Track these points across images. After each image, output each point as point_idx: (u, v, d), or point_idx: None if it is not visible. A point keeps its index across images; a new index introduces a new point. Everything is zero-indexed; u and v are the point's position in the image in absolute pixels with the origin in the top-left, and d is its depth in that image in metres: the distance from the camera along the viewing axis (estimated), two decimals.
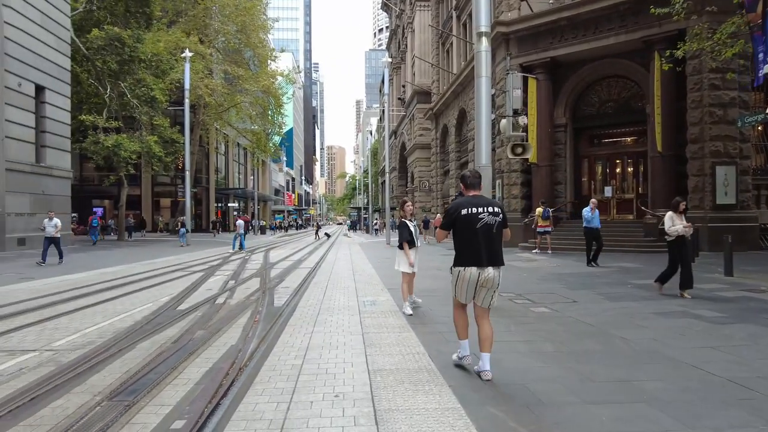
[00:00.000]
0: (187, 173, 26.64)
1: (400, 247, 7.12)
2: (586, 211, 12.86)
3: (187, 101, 26.71)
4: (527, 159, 19.22)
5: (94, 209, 39.68)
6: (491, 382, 3.98)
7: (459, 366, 4.40)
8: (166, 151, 29.32)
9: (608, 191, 19.98)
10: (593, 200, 13.23)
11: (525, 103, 19.88)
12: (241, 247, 21.77)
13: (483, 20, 7.55)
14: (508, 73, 8.40)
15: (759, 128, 17.37)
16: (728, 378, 4.10)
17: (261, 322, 6.37)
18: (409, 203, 7.49)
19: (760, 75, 11.47)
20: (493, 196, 22.53)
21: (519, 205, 20.33)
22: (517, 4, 20.60)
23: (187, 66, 26.69)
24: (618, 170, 20.57)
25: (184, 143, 27.41)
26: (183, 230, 25.58)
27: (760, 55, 11.27)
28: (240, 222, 21.56)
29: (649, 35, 17.13)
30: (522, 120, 8.16)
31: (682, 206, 8.13)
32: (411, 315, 6.71)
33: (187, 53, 26.89)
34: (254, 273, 12.28)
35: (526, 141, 9.39)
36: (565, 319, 6.55)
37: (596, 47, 18.69)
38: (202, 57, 33.72)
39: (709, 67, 15.63)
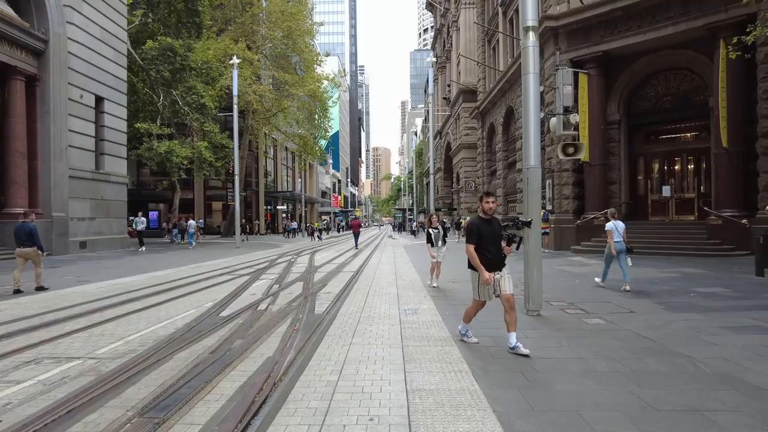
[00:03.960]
0: (237, 177, 27.25)
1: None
2: None
3: (235, 107, 27.33)
4: (579, 158, 18.44)
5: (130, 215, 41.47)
6: (539, 409, 3.64)
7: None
8: (216, 156, 30.19)
9: (666, 191, 18.82)
10: None
11: (576, 100, 19.12)
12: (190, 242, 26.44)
13: (530, 14, 7.14)
14: (557, 69, 7.93)
15: None
16: None
17: (300, 332, 6.24)
18: (435, 216, 10.92)
19: None
20: (543, 197, 21.76)
21: (571, 206, 19.47)
22: None
23: (235, 72, 27.30)
24: (677, 168, 19.33)
25: (233, 148, 28.09)
26: (176, 230, 28.06)
27: None
28: (191, 222, 26.47)
29: (714, 22, 15.98)
30: (573, 118, 7.65)
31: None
32: (436, 287, 9.98)
33: (235, 60, 27.50)
34: (298, 277, 12.27)
35: (578, 140, 8.83)
36: (622, 332, 6.05)
37: (653, 38, 17.62)
38: (250, 63, 34.52)
39: None
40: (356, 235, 26.55)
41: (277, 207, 51.19)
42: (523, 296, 7.52)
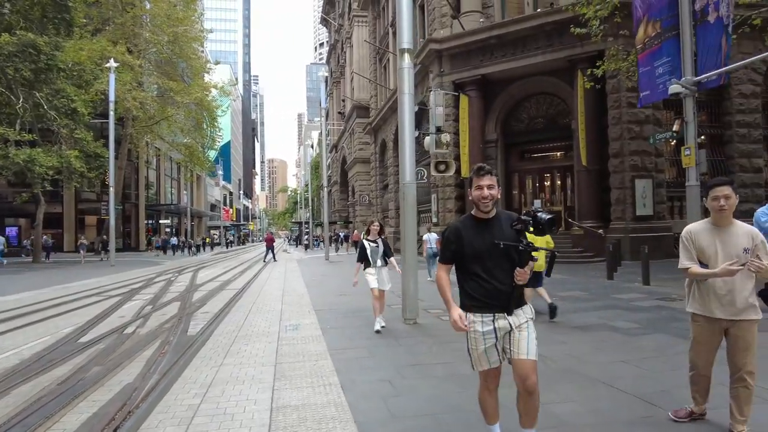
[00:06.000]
0: (112, 189, 25.18)
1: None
2: (762, 215, 6.15)
3: (111, 114, 25.29)
4: (460, 174, 19.62)
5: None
6: (399, 416, 3.78)
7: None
8: (89, 166, 27.54)
9: (537, 204, 20.63)
10: None
11: (457, 119, 20.36)
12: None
13: (405, 37, 7.51)
14: (431, 91, 8.42)
15: (672, 143, 18.56)
16: (635, 394, 4.13)
17: (168, 354, 5.88)
18: (376, 223, 7.28)
19: (641, 98, 12.24)
20: (429, 210, 22.79)
21: (454, 219, 20.56)
22: (449, 22, 21.06)
23: (112, 77, 25.33)
24: (547, 184, 21.34)
25: (109, 158, 25.86)
26: None
27: (640, 78, 12.01)
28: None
29: (573, 55, 17.96)
30: (444, 137, 8.16)
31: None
32: (379, 332, 6.81)
33: (112, 63, 25.50)
34: (176, 296, 11.56)
35: (450, 158, 9.42)
36: None
37: (524, 65, 19.37)
38: (131, 68, 32.16)
39: (625, 86, 16.56)
40: (270, 249, 27.35)
41: (160, 221, 47.91)
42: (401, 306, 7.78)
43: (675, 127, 10.36)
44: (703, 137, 18.16)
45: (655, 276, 11.62)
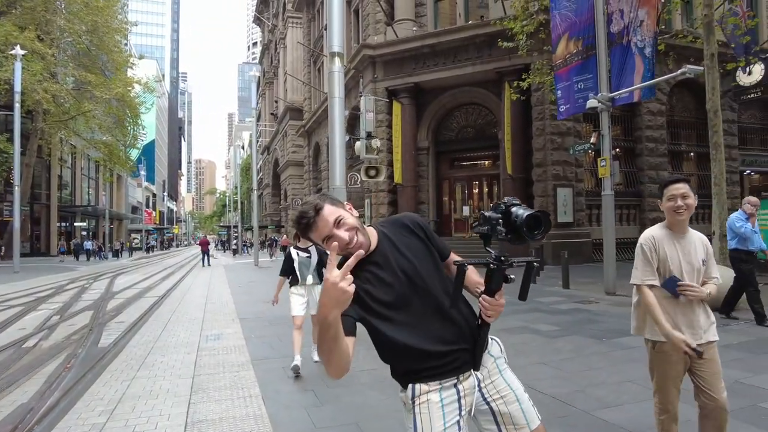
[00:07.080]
0: (17, 188, 23.09)
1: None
2: (737, 220, 6.85)
3: (17, 106, 23.18)
4: (393, 179, 19.84)
5: None
6: (321, 426, 3.68)
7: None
8: None
9: (466, 210, 21.31)
10: (751, 199, 6.92)
11: (390, 126, 20.57)
12: None
13: (336, 40, 7.43)
14: (361, 96, 8.41)
15: (591, 154, 19.75)
16: (551, 395, 4.28)
17: (74, 369, 5.41)
18: None
19: (561, 111, 13.04)
20: (362, 216, 22.80)
21: None
22: (384, 29, 21.25)
23: (18, 65, 23.27)
24: (476, 191, 22.01)
25: (14, 153, 23.70)
26: None
27: (559, 92, 12.79)
28: None
29: (501, 67, 18.66)
30: (375, 143, 8.18)
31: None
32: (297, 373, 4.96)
33: (18, 51, 23.44)
34: (89, 305, 10.74)
35: (380, 164, 9.46)
36: None
37: (456, 75, 19.89)
38: (42, 57, 29.66)
39: (549, 99, 17.40)
40: (205, 253, 26.69)
41: (75, 224, 44.59)
42: None
43: (592, 140, 11.04)
44: (618, 150, 19.54)
45: (574, 280, 12.27)
